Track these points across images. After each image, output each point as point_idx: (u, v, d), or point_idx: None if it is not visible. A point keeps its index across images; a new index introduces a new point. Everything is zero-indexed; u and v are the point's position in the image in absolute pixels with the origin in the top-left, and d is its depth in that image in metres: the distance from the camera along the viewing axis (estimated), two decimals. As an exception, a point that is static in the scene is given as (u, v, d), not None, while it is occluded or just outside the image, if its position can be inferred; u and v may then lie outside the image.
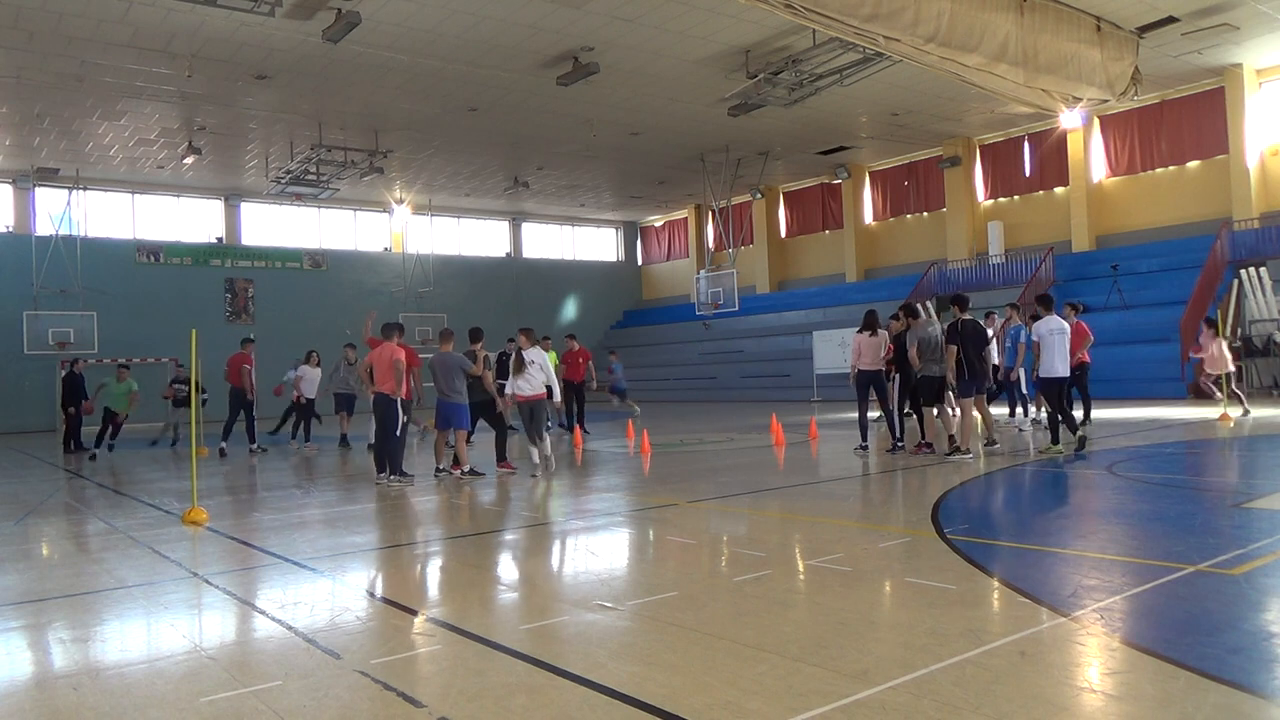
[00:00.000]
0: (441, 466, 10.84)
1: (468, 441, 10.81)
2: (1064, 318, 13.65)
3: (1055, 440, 10.60)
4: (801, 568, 5.52)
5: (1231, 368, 14.54)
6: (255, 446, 15.47)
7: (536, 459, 10.52)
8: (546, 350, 16.91)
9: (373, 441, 12.61)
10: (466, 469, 10.56)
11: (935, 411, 11.09)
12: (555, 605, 4.79)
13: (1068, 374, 10.72)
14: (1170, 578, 4.74)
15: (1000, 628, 4.09)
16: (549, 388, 10.72)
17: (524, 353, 10.56)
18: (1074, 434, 10.62)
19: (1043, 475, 9.32)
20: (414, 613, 4.78)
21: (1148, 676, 3.42)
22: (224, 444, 15.32)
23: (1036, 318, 11.15)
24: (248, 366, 15.33)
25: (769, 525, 7.21)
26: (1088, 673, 3.52)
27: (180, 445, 17.26)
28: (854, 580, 5.06)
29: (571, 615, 4.55)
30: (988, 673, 3.45)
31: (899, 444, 11.34)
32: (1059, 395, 10.58)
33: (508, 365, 11.14)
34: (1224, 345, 14.44)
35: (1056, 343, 10.54)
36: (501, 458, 10.99)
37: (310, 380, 16.00)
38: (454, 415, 10.52)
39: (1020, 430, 13.51)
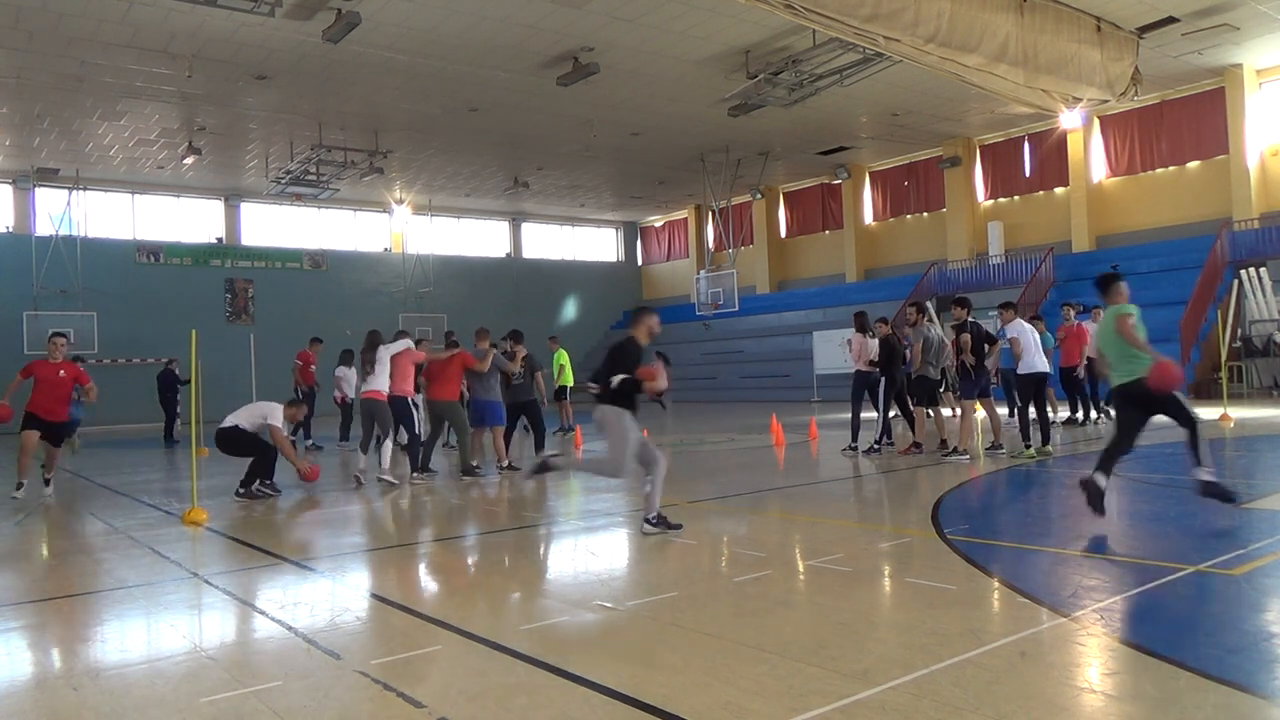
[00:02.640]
0: (476, 464, 10.88)
1: (506, 438, 11.11)
2: (1063, 318, 13.79)
3: (1046, 440, 10.63)
4: (802, 568, 5.52)
5: None
6: (310, 443, 15.74)
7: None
8: (554, 350, 16.95)
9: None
10: (505, 464, 10.82)
11: (929, 412, 11.13)
12: (555, 605, 4.79)
13: (1048, 369, 10.86)
14: (1170, 578, 4.74)
15: (1000, 628, 4.09)
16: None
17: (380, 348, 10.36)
18: (1044, 442, 10.64)
19: (1042, 476, 9.32)
20: (414, 613, 4.78)
21: (1148, 677, 3.42)
22: (312, 440, 15.85)
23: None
24: (299, 363, 16.20)
25: (769, 525, 7.21)
26: (1088, 673, 3.53)
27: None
28: (854, 580, 5.06)
29: (572, 615, 4.55)
30: (988, 673, 3.45)
31: (876, 445, 11.35)
32: (1038, 394, 10.64)
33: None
34: None
35: (1032, 340, 10.68)
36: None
37: (349, 380, 15.55)
38: (487, 412, 10.79)
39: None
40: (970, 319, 10.60)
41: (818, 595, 4.82)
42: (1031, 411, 10.91)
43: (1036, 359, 10.60)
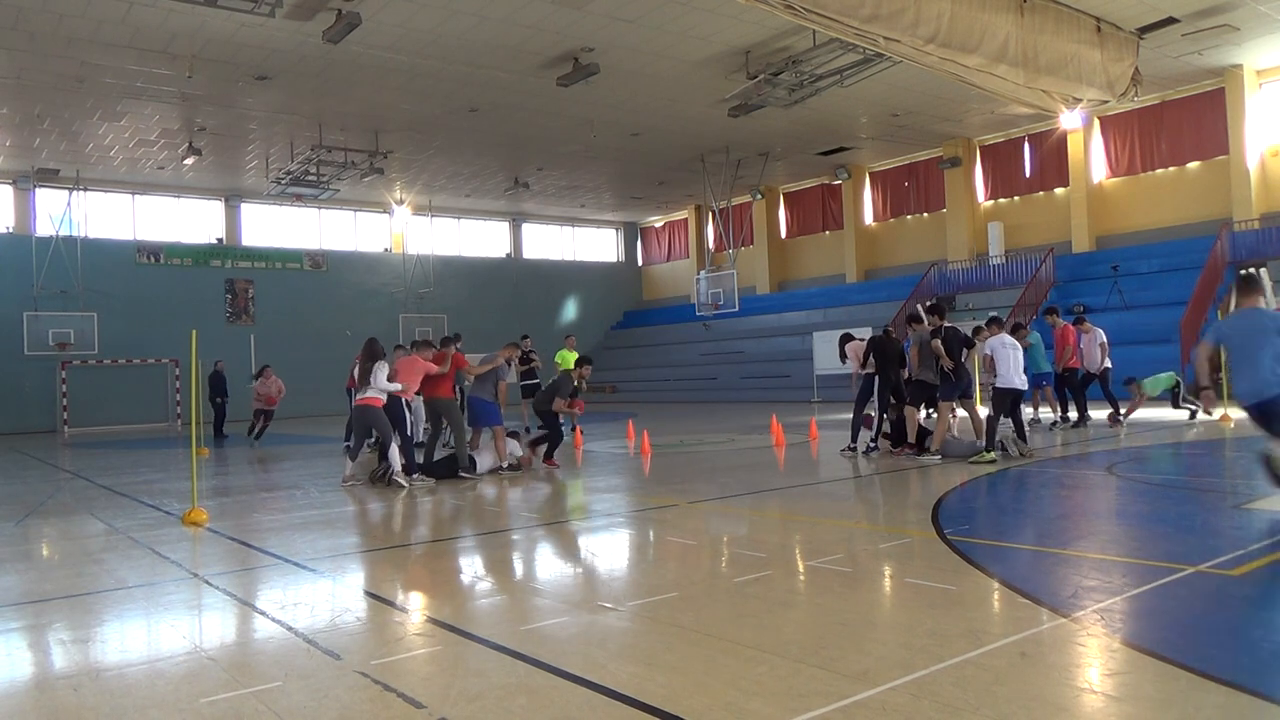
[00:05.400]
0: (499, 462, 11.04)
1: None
2: (1051, 325, 13.94)
3: (989, 447, 10.25)
4: (802, 568, 5.52)
5: None
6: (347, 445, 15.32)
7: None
8: (571, 349, 16.74)
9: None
10: (505, 464, 10.93)
11: (922, 414, 11.18)
12: (556, 606, 4.78)
13: (1025, 387, 10.84)
14: (1170, 578, 4.74)
15: (1000, 628, 4.09)
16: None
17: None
18: (1026, 447, 10.48)
19: (1042, 476, 9.32)
20: (414, 613, 4.78)
21: (1148, 677, 3.42)
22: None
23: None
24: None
25: (769, 526, 7.21)
26: (1088, 673, 3.53)
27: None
28: (854, 581, 5.06)
29: (572, 616, 4.55)
30: (988, 673, 3.45)
31: (874, 445, 11.40)
32: (1013, 406, 10.63)
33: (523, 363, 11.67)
34: None
35: (1010, 356, 10.63)
36: (549, 455, 11.37)
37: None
38: (484, 412, 10.92)
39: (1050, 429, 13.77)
40: (946, 324, 10.72)
41: (818, 595, 4.82)
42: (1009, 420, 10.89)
43: (1013, 376, 10.60)
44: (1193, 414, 14.67)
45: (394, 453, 10.15)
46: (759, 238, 34.57)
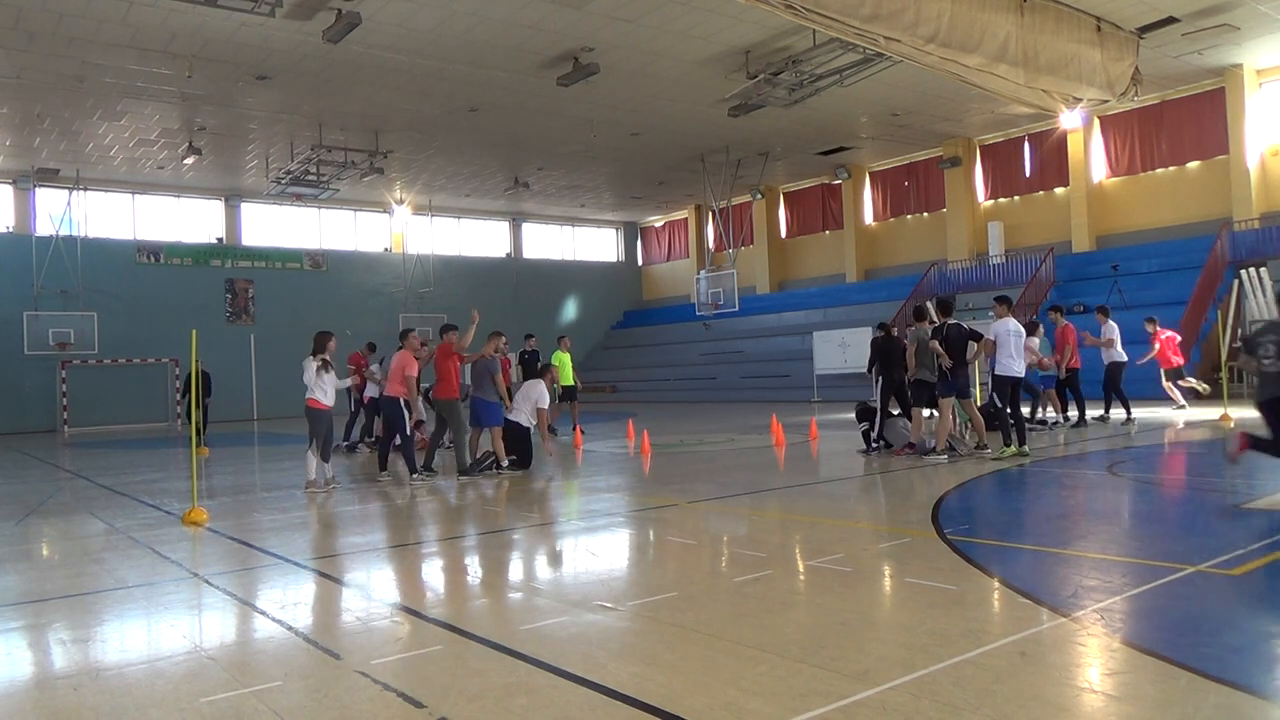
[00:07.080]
0: (472, 464, 10.96)
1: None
2: (1053, 323, 13.98)
3: (1008, 442, 10.49)
4: (802, 568, 5.52)
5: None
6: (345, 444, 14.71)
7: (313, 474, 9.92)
8: (565, 350, 16.61)
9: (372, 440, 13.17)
10: (505, 464, 10.92)
11: (926, 414, 11.18)
12: (556, 605, 4.79)
13: (1022, 373, 10.91)
14: (1170, 578, 4.74)
15: (1000, 628, 4.10)
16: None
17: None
18: (1020, 444, 10.51)
19: (1042, 476, 9.32)
20: (414, 613, 4.78)
21: (1148, 677, 3.43)
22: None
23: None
24: (352, 367, 14.54)
25: (769, 526, 7.21)
26: (1088, 673, 3.53)
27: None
28: (854, 581, 5.06)
29: (572, 615, 4.55)
30: (988, 673, 3.46)
31: (877, 444, 11.44)
32: (1011, 395, 10.63)
33: (528, 364, 11.64)
34: None
35: (1011, 342, 10.69)
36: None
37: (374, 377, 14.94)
38: (485, 412, 10.99)
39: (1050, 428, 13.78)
40: (950, 321, 10.70)
41: (818, 595, 4.82)
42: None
43: (1010, 362, 10.61)
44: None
45: (311, 457, 9.85)
46: (759, 238, 34.56)
